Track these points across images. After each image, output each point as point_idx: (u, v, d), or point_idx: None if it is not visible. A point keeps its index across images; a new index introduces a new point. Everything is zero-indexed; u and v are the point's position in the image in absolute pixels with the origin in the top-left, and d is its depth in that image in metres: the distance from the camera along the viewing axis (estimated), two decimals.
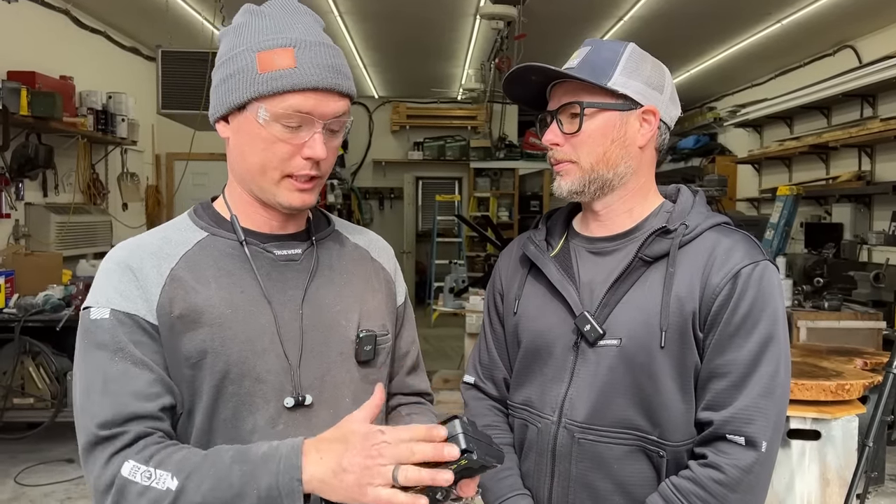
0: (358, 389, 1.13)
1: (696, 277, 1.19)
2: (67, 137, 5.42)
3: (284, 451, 0.93)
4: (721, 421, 1.15)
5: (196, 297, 1.05)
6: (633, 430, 1.20)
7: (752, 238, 1.24)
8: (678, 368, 1.18)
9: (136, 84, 6.51)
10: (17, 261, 4.59)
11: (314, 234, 1.18)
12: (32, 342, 4.20)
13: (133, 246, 1.10)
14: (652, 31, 6.03)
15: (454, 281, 5.70)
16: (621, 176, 1.25)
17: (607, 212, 1.29)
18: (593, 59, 1.23)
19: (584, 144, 1.23)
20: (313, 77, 1.04)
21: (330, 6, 5.59)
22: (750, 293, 1.16)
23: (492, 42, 6.40)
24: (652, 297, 1.20)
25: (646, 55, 1.27)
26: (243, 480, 0.92)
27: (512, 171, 9.91)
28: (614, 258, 1.27)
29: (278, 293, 1.10)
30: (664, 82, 1.27)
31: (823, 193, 6.32)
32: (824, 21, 5.69)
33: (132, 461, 0.94)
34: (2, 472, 4.01)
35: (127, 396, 0.98)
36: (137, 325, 1.02)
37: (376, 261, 1.25)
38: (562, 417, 1.24)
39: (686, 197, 1.29)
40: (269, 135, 1.05)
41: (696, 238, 1.22)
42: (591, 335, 1.22)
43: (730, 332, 1.16)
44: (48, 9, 5.37)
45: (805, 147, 6.26)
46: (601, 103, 1.22)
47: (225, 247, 1.11)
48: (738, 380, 1.15)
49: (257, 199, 1.12)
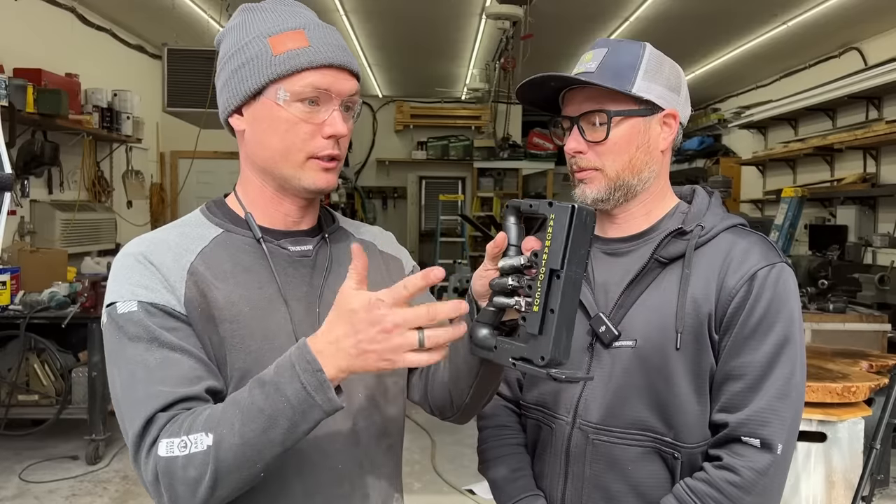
0: (371, 384, 1.13)
1: (713, 279, 1.18)
2: (73, 135, 5.43)
3: (295, 357, 0.90)
4: (736, 423, 1.14)
5: (216, 292, 1.04)
6: (647, 432, 1.19)
7: (768, 240, 1.24)
8: (693, 370, 1.17)
9: (141, 82, 6.52)
10: (23, 257, 4.60)
11: (325, 229, 1.17)
12: (37, 339, 4.21)
13: (150, 241, 1.09)
14: (657, 32, 6.03)
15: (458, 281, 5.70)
16: (645, 181, 1.24)
17: (626, 216, 1.28)
18: (613, 63, 1.21)
19: (609, 152, 1.22)
20: (327, 54, 1.05)
21: (335, 5, 5.59)
22: (766, 295, 1.15)
23: (497, 42, 6.40)
24: (667, 299, 1.19)
25: (662, 56, 1.25)
26: (269, 401, 0.89)
27: (515, 171, 9.89)
28: (629, 259, 1.26)
29: (294, 290, 1.10)
30: (681, 83, 1.26)
31: (828, 195, 6.31)
32: (830, 23, 5.68)
33: (165, 440, 0.92)
34: (6, 469, 4.02)
35: (171, 383, 0.95)
36: (168, 314, 1.00)
37: (384, 252, 1.25)
38: (576, 418, 1.24)
39: (702, 198, 1.29)
40: (290, 115, 1.05)
41: (712, 239, 1.21)
42: (607, 336, 1.21)
43: (745, 334, 1.15)
44: (55, 6, 5.38)
45: (810, 149, 6.25)
46: (627, 111, 1.20)
47: (241, 243, 1.11)
48: (754, 382, 1.14)
49: (277, 191, 1.11)
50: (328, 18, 5.90)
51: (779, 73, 7.52)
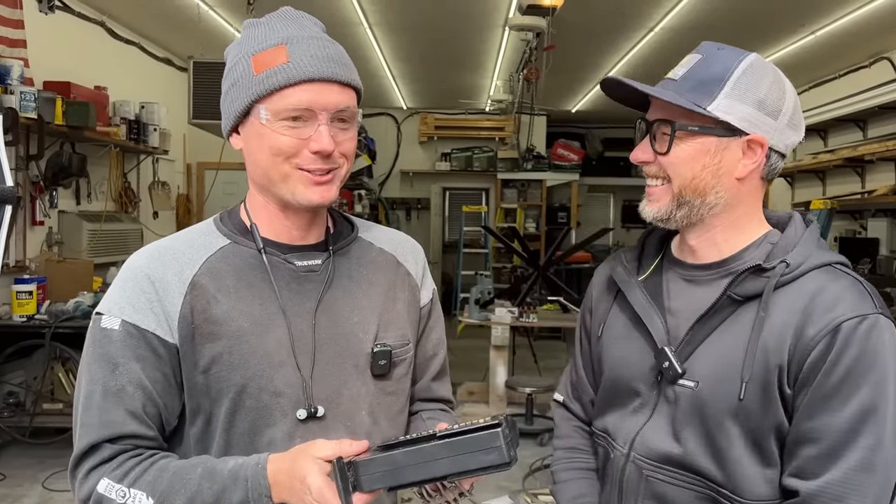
0: (374, 403, 1.12)
1: (790, 326, 1.03)
2: (100, 146, 5.50)
3: (251, 473, 0.97)
4: (808, 493, 1.01)
5: (217, 307, 1.05)
6: (704, 478, 1.10)
7: (865, 285, 1.07)
8: (753, 425, 1.05)
9: (168, 94, 6.61)
10: (50, 268, 4.66)
11: (332, 243, 1.16)
12: (63, 348, 4.25)
13: (155, 253, 1.09)
14: (683, 43, 5.97)
15: (480, 292, 5.67)
16: (710, 206, 1.11)
17: (699, 242, 1.17)
18: (700, 73, 1.09)
19: (671, 166, 1.11)
20: (308, 69, 1.03)
21: (360, 18, 5.62)
22: (851, 352, 0.99)
23: (520, 53, 6.39)
24: (737, 342, 1.07)
25: (766, 70, 1.09)
26: (215, 500, 0.96)
27: (539, 182, 9.87)
28: (704, 291, 1.14)
29: (296, 305, 1.09)
30: (782, 106, 1.09)
31: (859, 207, 6.19)
32: (860, 32, 5.59)
33: (107, 479, 0.98)
34: (30, 478, 4.06)
35: (123, 416, 1.01)
36: (145, 340, 1.03)
37: (402, 266, 1.23)
38: (631, 451, 1.17)
39: (795, 228, 1.14)
40: (273, 133, 1.04)
41: (798, 279, 1.06)
42: (670, 373, 1.11)
43: (824, 393, 1.01)
44: (84, 20, 5.47)
45: (840, 160, 6.14)
46: (697, 127, 1.08)
47: (247, 256, 1.10)
48: (831, 449, 1.00)
49: (279, 207, 1.11)
50: (352, 31, 5.93)
51: (808, 84, 7.42)
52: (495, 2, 5.23)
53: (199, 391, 1.04)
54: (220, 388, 1.03)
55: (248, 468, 0.97)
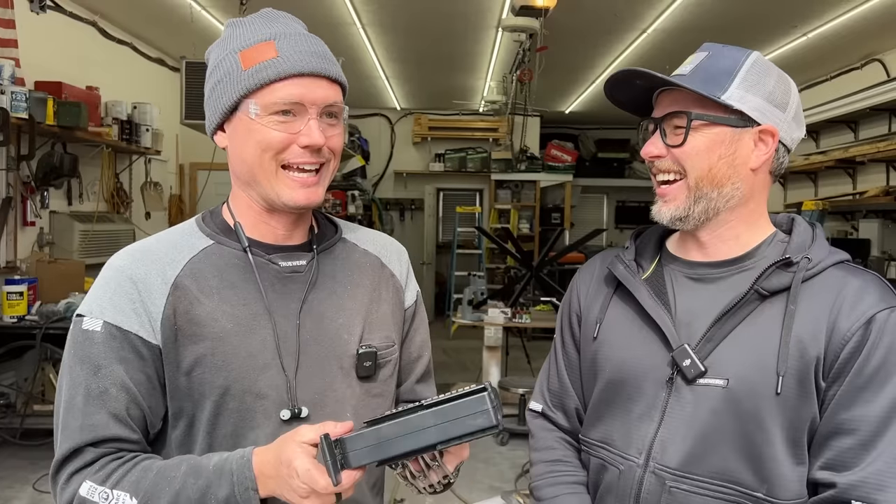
0: (359, 404, 1.12)
1: (822, 319, 1.05)
2: (92, 147, 5.48)
3: (236, 466, 0.95)
4: (846, 485, 1.01)
5: (199, 308, 1.04)
6: (735, 485, 1.07)
7: (883, 279, 1.10)
8: (792, 419, 1.05)
9: (160, 94, 6.58)
10: (41, 268, 4.64)
11: (316, 243, 1.15)
12: (54, 349, 4.23)
13: (137, 253, 1.08)
14: (675, 45, 5.99)
15: (473, 293, 5.67)
16: (727, 198, 1.12)
17: (712, 238, 1.16)
18: (709, 68, 1.11)
19: (688, 158, 1.11)
20: (297, 63, 1.03)
21: (353, 18, 5.61)
22: (885, 341, 1.02)
23: (514, 54, 6.40)
24: (767, 337, 1.06)
25: (771, 67, 1.13)
26: (200, 496, 0.94)
27: (533, 183, 9.87)
28: (719, 288, 1.13)
29: (281, 306, 1.08)
30: (788, 100, 1.13)
31: (850, 209, 6.21)
32: (851, 34, 5.61)
33: (89, 482, 0.96)
34: (21, 479, 4.03)
35: (105, 419, 0.99)
36: (128, 342, 1.02)
37: (386, 267, 1.22)
38: (649, 460, 1.11)
39: (803, 229, 1.16)
40: (262, 128, 1.03)
41: (819, 275, 1.09)
42: (691, 371, 1.09)
43: (860, 383, 1.02)
44: (76, 20, 5.45)
45: (831, 161, 6.17)
46: (712, 116, 1.10)
47: (230, 256, 1.09)
48: (868, 438, 1.01)
49: (264, 207, 1.10)
50: (345, 32, 5.93)
51: (800, 85, 7.39)
52: (488, 3, 5.24)
53: (182, 393, 1.03)
54: (203, 391, 1.02)
55: (232, 462, 0.96)
